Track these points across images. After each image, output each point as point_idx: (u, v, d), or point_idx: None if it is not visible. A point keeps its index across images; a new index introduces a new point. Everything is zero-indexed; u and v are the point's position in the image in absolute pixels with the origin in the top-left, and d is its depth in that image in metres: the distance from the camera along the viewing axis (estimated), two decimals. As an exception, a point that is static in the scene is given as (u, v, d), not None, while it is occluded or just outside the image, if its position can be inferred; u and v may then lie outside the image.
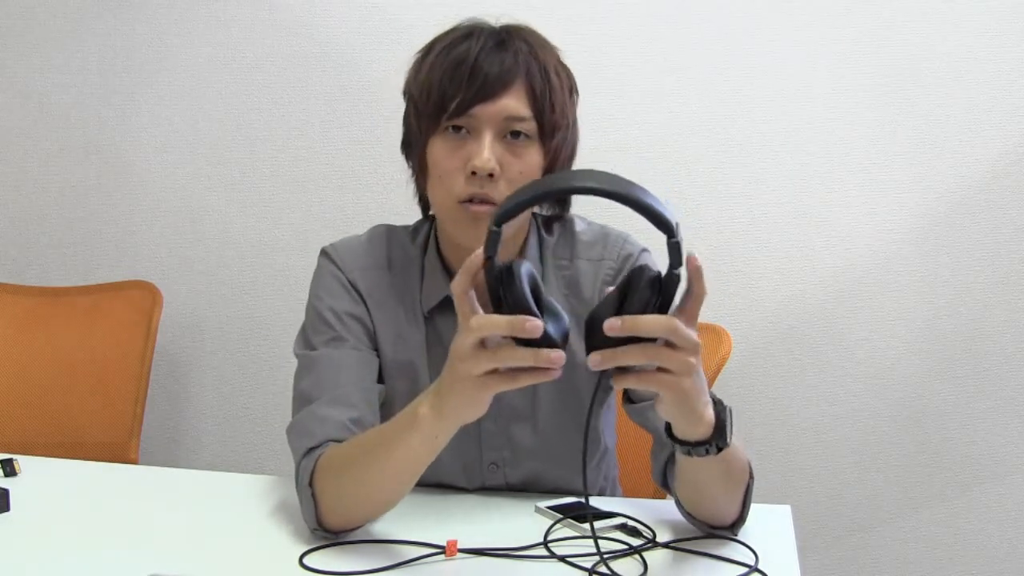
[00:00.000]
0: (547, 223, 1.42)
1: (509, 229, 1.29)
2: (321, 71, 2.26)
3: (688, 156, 2.15)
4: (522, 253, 1.37)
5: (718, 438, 1.12)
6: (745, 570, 1.14)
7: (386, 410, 1.37)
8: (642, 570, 1.15)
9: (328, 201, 2.29)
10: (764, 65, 2.12)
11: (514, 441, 1.39)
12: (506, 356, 1.03)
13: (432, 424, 1.12)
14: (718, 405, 1.13)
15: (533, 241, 1.39)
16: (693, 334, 1.03)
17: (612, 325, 1.00)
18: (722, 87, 2.14)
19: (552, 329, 1.02)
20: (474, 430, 1.38)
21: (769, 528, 1.28)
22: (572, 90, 1.34)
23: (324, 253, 1.42)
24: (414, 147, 1.34)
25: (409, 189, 1.41)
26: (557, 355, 1.01)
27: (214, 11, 2.28)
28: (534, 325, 1.00)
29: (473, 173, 1.25)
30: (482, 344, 1.03)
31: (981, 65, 2.05)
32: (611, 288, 1.06)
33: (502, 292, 1.03)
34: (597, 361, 1.02)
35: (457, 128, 1.27)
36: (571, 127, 1.33)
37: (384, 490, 1.20)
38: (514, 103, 1.26)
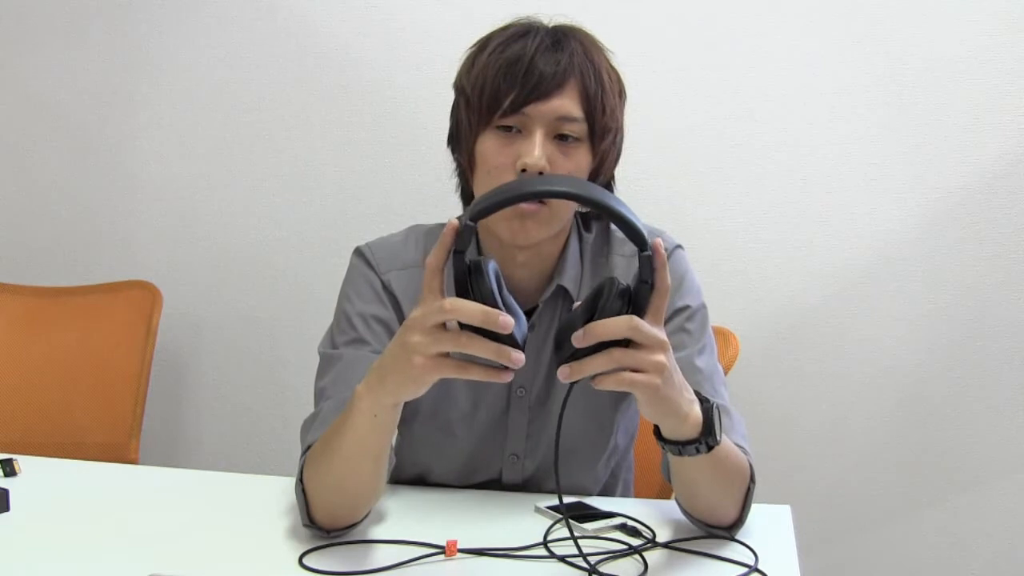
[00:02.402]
0: (586, 221, 1.43)
1: (551, 229, 1.30)
2: (321, 71, 2.26)
3: (688, 156, 2.15)
4: (564, 251, 1.37)
5: (707, 436, 1.12)
6: (745, 570, 1.14)
7: (412, 408, 1.37)
8: (642, 570, 1.14)
9: (328, 201, 2.29)
10: (764, 65, 2.12)
11: (538, 432, 1.39)
12: (468, 343, 1.02)
13: (367, 401, 1.11)
14: (705, 403, 1.13)
15: (574, 239, 1.39)
16: (658, 332, 1.04)
17: (577, 337, 1.02)
18: (722, 87, 2.14)
19: (515, 330, 1.03)
20: (502, 420, 1.39)
21: (769, 528, 1.28)
22: (621, 94, 1.35)
23: (358, 252, 1.41)
24: (463, 141, 1.34)
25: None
26: (518, 356, 1.02)
27: (214, 11, 2.28)
28: (506, 320, 1.00)
29: (523, 171, 1.25)
30: (442, 327, 1.03)
31: (981, 65, 2.05)
32: (577, 303, 1.07)
33: (471, 285, 1.03)
34: (566, 374, 1.03)
35: (509, 126, 1.27)
36: (619, 131, 1.34)
37: (347, 478, 1.19)
38: (567, 104, 1.26)
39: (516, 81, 1.25)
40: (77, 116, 2.36)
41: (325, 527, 1.22)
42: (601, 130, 1.29)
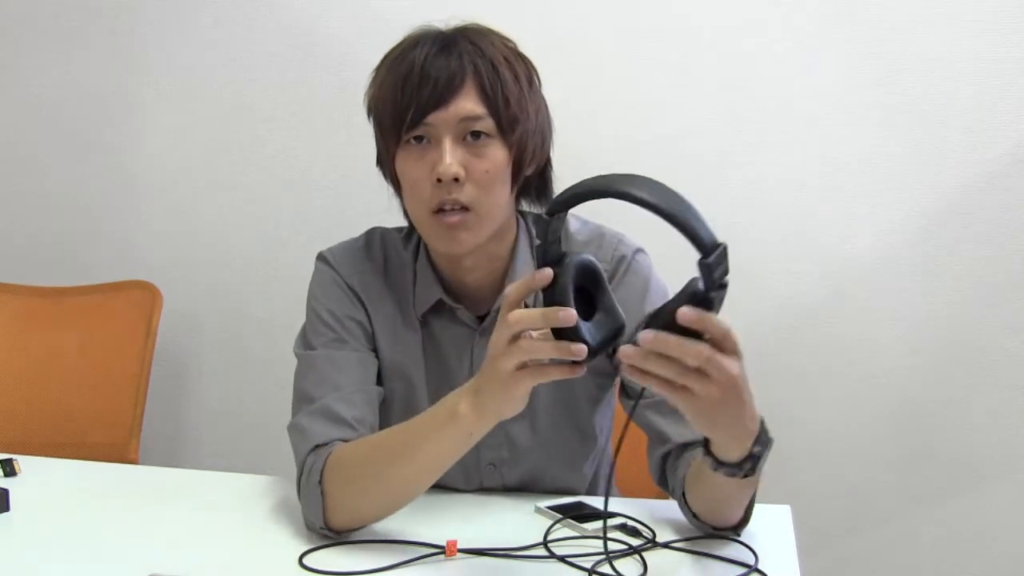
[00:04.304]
0: (537, 221, 1.42)
1: (483, 232, 1.30)
2: (321, 71, 2.26)
3: (688, 156, 2.15)
4: (513, 252, 1.37)
5: (748, 466, 1.10)
6: (745, 570, 1.14)
7: (383, 411, 1.37)
8: (642, 570, 1.15)
9: (328, 201, 2.29)
10: (764, 65, 2.12)
11: (512, 441, 1.39)
12: (529, 348, 1.05)
13: (471, 422, 1.14)
14: (763, 436, 1.10)
15: (524, 240, 1.39)
16: (728, 364, 1.01)
17: (685, 314, 0.99)
18: (722, 87, 2.13)
19: (596, 328, 1.03)
20: None
21: (769, 528, 1.27)
22: (530, 79, 1.33)
23: (322, 258, 1.43)
24: (384, 163, 1.36)
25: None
26: (578, 348, 1.02)
27: (214, 11, 2.28)
28: (567, 315, 1.01)
29: (439, 180, 1.25)
30: (518, 339, 1.05)
31: (981, 65, 2.05)
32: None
33: (553, 285, 1.05)
34: (649, 339, 0.99)
35: (419, 138, 1.28)
36: (534, 117, 1.32)
37: (405, 490, 1.22)
38: (467, 104, 1.26)
39: (412, 93, 1.25)
40: (77, 116, 2.36)
41: (339, 529, 1.22)
42: (509, 122, 1.28)
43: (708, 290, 1.00)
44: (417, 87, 1.25)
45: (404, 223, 1.46)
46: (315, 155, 2.29)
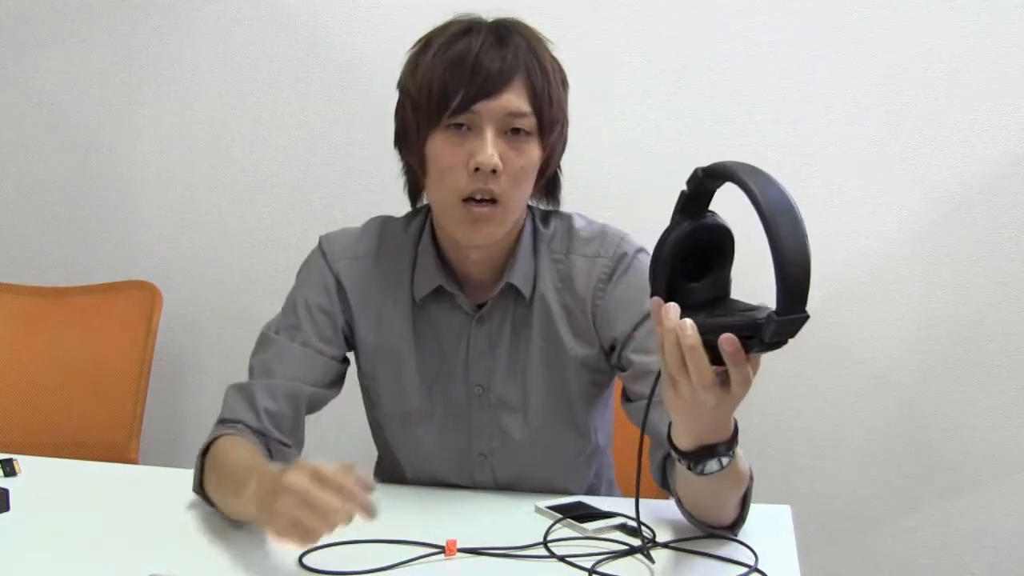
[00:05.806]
0: (544, 216, 1.43)
1: (506, 226, 1.31)
2: (321, 70, 2.26)
3: (688, 156, 2.14)
4: (517, 242, 1.38)
5: (689, 461, 1.10)
6: (745, 570, 1.14)
7: (371, 393, 1.42)
8: (642, 570, 1.14)
9: (328, 201, 2.29)
10: (764, 65, 2.12)
11: (504, 432, 1.39)
12: (304, 511, 1.04)
13: (243, 507, 1.17)
14: (720, 448, 1.10)
15: (527, 233, 1.39)
16: (709, 397, 1.02)
17: (727, 340, 1.04)
18: (722, 87, 2.13)
19: (694, 292, 1.09)
20: (464, 418, 1.40)
21: (769, 528, 1.27)
22: (564, 84, 1.35)
23: (319, 242, 1.46)
24: (412, 143, 1.34)
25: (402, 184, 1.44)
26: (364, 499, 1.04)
27: (214, 11, 2.28)
28: (350, 492, 1.03)
29: (477, 169, 1.26)
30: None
31: (981, 65, 2.05)
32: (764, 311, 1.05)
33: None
34: (732, 344, 1.03)
35: (458, 125, 1.28)
36: (566, 122, 1.35)
37: (236, 515, 1.25)
38: (515, 99, 1.27)
39: (463, 79, 1.26)
40: (77, 116, 2.36)
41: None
42: (550, 123, 1.30)
43: (764, 340, 1.02)
44: (470, 74, 1.25)
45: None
46: (315, 155, 2.29)
